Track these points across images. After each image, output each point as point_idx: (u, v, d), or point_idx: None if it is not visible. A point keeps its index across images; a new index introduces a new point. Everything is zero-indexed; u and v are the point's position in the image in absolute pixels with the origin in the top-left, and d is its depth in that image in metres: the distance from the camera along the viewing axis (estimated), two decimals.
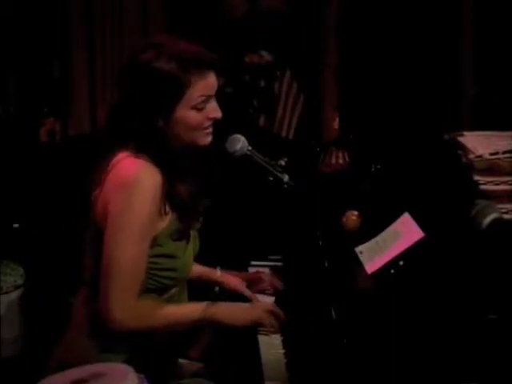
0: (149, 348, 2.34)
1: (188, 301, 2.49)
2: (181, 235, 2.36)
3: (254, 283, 2.75)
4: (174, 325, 2.34)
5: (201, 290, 2.68)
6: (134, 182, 2.25)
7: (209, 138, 2.38)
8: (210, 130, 2.37)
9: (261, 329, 2.46)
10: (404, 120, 3.89)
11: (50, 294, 3.72)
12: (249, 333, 2.48)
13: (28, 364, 3.50)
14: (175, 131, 2.32)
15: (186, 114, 2.31)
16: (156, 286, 2.35)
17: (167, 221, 2.32)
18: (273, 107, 3.94)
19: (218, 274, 2.71)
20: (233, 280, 2.72)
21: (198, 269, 2.65)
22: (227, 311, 2.38)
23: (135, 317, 2.28)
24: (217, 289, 2.74)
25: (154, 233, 2.30)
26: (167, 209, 2.31)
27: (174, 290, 2.40)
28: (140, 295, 2.31)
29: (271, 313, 2.42)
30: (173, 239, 2.34)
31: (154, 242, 2.31)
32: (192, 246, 2.44)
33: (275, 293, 2.73)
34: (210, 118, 2.35)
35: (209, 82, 2.33)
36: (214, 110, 2.36)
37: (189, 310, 2.37)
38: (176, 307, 2.37)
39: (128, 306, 2.26)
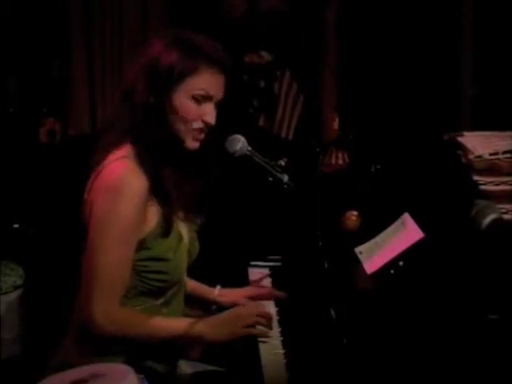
0: (148, 349, 2.34)
1: (184, 303, 2.48)
2: (166, 230, 2.31)
3: (255, 298, 2.67)
4: (156, 337, 2.29)
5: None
6: (118, 185, 2.24)
7: (196, 144, 2.36)
8: (201, 136, 2.36)
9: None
10: (404, 120, 3.89)
11: (49, 294, 3.72)
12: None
13: (28, 364, 3.50)
14: (170, 119, 2.31)
15: (184, 101, 2.31)
16: (148, 290, 2.33)
17: (154, 223, 2.30)
18: (273, 107, 3.94)
19: (215, 293, 2.66)
20: (232, 295, 2.66)
21: (196, 287, 2.63)
22: (213, 329, 2.30)
23: (116, 323, 2.26)
24: (214, 307, 2.70)
25: (140, 236, 2.28)
26: (154, 211, 2.29)
27: (169, 293, 2.38)
28: (135, 299, 2.31)
29: (258, 315, 2.36)
30: (160, 236, 2.31)
31: (143, 245, 2.29)
32: (185, 248, 2.41)
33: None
34: (203, 121, 2.34)
35: (216, 81, 2.34)
36: (210, 114, 2.35)
37: (173, 325, 2.31)
38: (161, 319, 2.32)
39: (109, 311, 2.24)
